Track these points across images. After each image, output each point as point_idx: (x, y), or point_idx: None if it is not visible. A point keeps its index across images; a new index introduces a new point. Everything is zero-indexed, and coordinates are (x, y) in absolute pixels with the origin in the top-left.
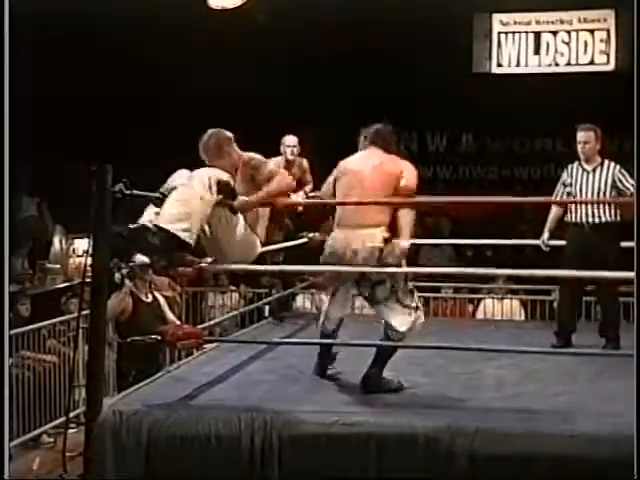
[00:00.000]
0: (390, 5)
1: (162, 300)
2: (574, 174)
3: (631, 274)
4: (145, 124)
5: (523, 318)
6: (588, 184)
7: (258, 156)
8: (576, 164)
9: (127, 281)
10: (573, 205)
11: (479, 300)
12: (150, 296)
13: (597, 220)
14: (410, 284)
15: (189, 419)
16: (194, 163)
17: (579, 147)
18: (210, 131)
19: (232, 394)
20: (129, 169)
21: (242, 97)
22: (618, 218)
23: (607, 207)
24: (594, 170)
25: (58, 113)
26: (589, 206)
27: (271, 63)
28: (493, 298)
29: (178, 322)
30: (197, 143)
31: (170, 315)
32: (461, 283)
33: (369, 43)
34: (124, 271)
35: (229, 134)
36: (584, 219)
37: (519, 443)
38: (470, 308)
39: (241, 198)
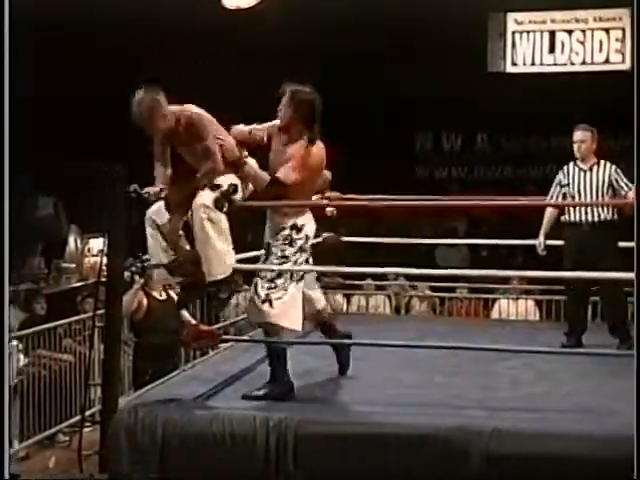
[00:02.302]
0: (404, 5)
1: (177, 298)
2: (571, 174)
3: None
4: None
5: (538, 318)
6: (585, 183)
7: (199, 115)
8: (572, 164)
9: (137, 278)
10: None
11: (494, 300)
12: (164, 295)
13: (595, 219)
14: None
15: (204, 418)
16: None
17: (575, 146)
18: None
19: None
20: (144, 168)
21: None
22: (616, 216)
23: (605, 205)
24: (590, 169)
25: (74, 113)
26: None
27: (284, 63)
28: (508, 298)
29: (193, 321)
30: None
31: (186, 314)
32: (476, 283)
33: (383, 43)
34: (133, 269)
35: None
36: (582, 218)
37: (534, 443)
38: (485, 308)
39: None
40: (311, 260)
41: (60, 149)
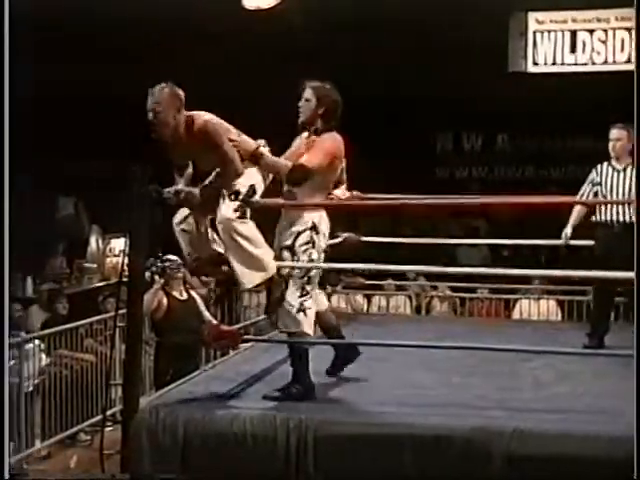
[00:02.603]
0: (425, 5)
1: (198, 299)
2: (604, 173)
3: None
4: None
5: (560, 318)
6: (619, 183)
7: (210, 122)
8: (605, 164)
9: (157, 278)
10: (602, 204)
11: (515, 300)
12: (185, 294)
13: (627, 219)
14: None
15: (225, 418)
16: None
17: (610, 145)
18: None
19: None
20: (164, 168)
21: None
22: None
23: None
24: (625, 169)
25: (96, 113)
26: (619, 204)
27: (307, 63)
28: (529, 298)
29: (215, 321)
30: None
31: (207, 314)
32: (497, 283)
33: (403, 43)
34: (154, 269)
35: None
36: (614, 218)
37: (556, 444)
38: (506, 308)
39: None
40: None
41: (80, 150)
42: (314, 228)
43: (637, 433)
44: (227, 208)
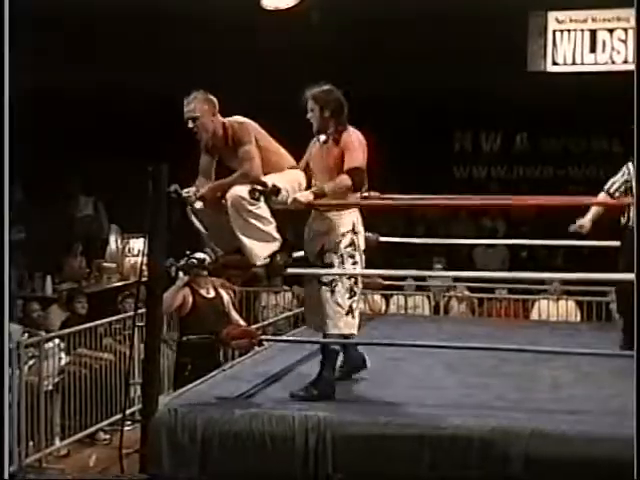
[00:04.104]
0: (443, 3)
1: (226, 298)
2: (632, 172)
3: None
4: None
5: (579, 319)
6: None
7: (242, 123)
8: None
9: (181, 274)
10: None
11: (534, 301)
12: (212, 292)
13: None
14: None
15: (243, 417)
16: None
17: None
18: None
19: (286, 393)
20: (184, 168)
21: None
22: None
23: None
24: None
25: (115, 113)
26: None
27: (322, 62)
28: (548, 299)
29: (243, 322)
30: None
31: (234, 314)
32: (515, 284)
33: (421, 42)
34: (178, 266)
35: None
36: None
37: (574, 446)
38: (524, 309)
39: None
40: None
41: (100, 149)
42: (354, 229)
43: (637, 433)
44: (241, 188)
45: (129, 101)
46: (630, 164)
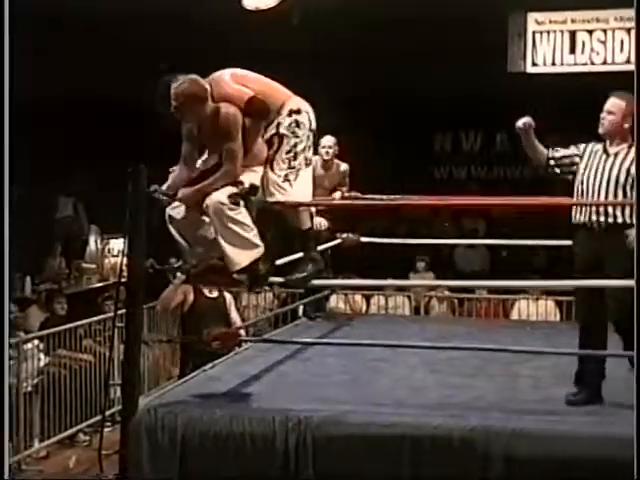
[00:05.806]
0: (423, 4)
1: (229, 298)
2: (587, 153)
3: None
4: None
5: (558, 319)
6: (604, 172)
7: (235, 115)
8: (592, 144)
9: (179, 275)
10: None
11: (513, 301)
12: (216, 292)
13: (611, 220)
14: None
15: (223, 418)
16: None
17: (601, 117)
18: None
19: (266, 394)
20: (163, 168)
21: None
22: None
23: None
24: (616, 155)
25: (94, 115)
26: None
27: (307, 64)
28: (528, 299)
29: (241, 323)
30: None
31: (234, 315)
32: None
33: (402, 42)
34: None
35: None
36: (594, 219)
37: (554, 445)
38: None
39: (181, 191)
40: None
41: (79, 150)
42: None
43: (637, 433)
44: (221, 192)
45: (107, 102)
46: (583, 145)
